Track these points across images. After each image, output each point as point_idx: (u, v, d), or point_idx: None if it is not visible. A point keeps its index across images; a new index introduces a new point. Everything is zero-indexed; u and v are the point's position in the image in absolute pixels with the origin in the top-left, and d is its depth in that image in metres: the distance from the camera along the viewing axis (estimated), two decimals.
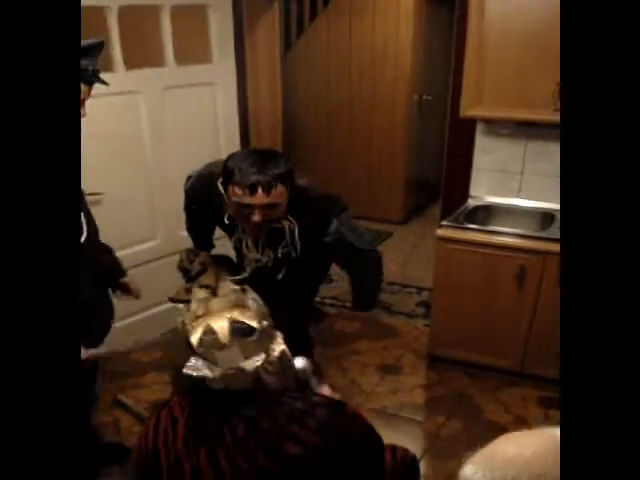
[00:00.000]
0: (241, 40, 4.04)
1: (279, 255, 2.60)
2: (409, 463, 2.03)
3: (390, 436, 2.85)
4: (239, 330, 1.47)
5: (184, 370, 1.48)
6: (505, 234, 3.18)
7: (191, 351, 1.50)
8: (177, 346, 2.88)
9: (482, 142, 3.60)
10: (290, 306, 2.77)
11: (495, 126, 3.52)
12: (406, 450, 2.01)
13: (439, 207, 3.98)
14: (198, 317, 1.57)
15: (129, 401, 3.15)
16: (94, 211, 3.36)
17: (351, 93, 5.68)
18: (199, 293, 1.63)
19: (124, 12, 3.34)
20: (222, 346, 1.44)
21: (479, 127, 3.58)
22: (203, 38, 3.85)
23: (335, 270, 4.64)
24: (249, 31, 4.09)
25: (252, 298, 1.59)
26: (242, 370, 1.44)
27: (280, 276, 2.70)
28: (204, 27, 3.82)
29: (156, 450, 1.56)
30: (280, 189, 2.33)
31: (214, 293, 2.75)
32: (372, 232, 2.78)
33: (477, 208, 3.57)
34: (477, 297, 3.26)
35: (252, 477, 1.47)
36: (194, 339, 1.48)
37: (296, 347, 2.06)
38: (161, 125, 3.66)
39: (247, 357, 1.45)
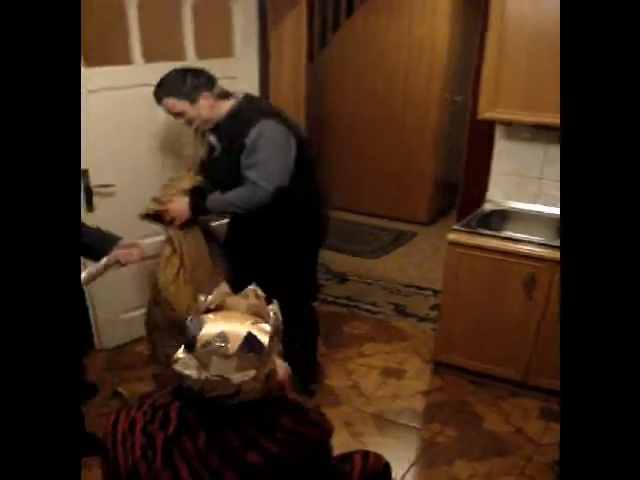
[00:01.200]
0: (264, 34, 4.03)
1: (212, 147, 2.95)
2: (381, 469, 2.00)
3: (382, 442, 2.85)
4: (249, 347, 1.43)
5: (173, 365, 1.46)
6: (516, 241, 3.09)
7: (180, 334, 1.47)
8: (159, 322, 2.90)
9: (501, 145, 3.51)
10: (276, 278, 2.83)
11: (515, 129, 3.42)
12: (379, 456, 1.98)
13: None
14: (209, 310, 1.54)
15: (126, 393, 3.18)
16: (106, 202, 3.43)
17: (384, 89, 5.61)
18: (223, 287, 1.60)
19: (144, 4, 3.34)
20: (225, 355, 1.41)
21: (498, 130, 3.48)
22: (225, 31, 3.84)
23: (349, 268, 4.63)
24: (274, 25, 4.07)
25: (274, 312, 1.54)
26: (228, 380, 1.41)
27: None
28: (227, 20, 3.81)
29: (115, 454, 1.54)
30: (168, 101, 2.84)
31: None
32: (281, 169, 2.79)
33: (493, 213, 3.47)
34: (484, 304, 3.18)
35: None
36: (203, 335, 1.44)
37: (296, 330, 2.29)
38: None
39: (239, 370, 1.42)
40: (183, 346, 1.47)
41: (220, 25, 3.86)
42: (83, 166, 3.28)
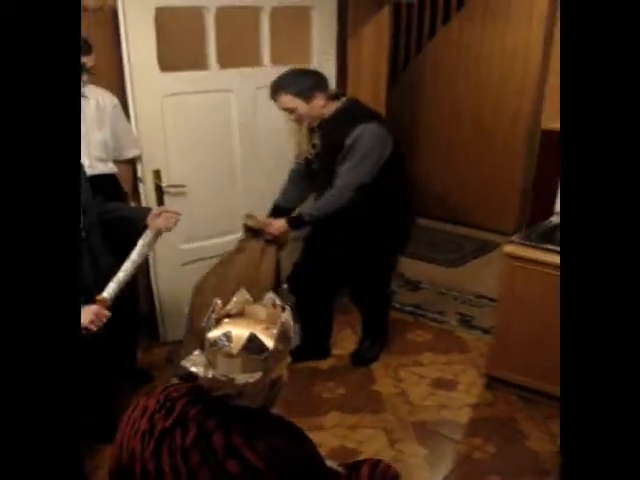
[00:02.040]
0: (343, 42, 4.08)
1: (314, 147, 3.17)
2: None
3: (418, 452, 2.84)
4: (251, 348, 1.51)
5: (182, 361, 1.56)
6: None
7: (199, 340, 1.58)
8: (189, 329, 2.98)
9: None
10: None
11: None
12: (389, 467, 1.96)
13: None
14: (229, 316, 1.63)
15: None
16: (177, 202, 3.60)
17: (476, 98, 5.53)
18: (241, 294, 1.69)
19: (222, 12, 3.47)
20: (229, 355, 1.50)
21: None
22: (303, 38, 3.92)
23: (425, 276, 4.60)
24: (354, 34, 4.11)
25: (286, 318, 1.61)
26: (232, 380, 1.48)
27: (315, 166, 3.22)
28: (305, 27, 3.89)
29: (122, 436, 1.64)
30: (285, 97, 2.97)
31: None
32: (367, 166, 2.98)
33: (558, 226, 3.35)
34: (539, 319, 3.07)
35: None
36: (211, 335, 1.54)
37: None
38: (251, 123, 3.77)
39: (245, 371, 1.50)
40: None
41: (298, 32, 3.95)
42: (155, 167, 3.47)
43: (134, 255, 2.57)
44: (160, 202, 3.53)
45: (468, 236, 5.52)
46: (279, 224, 3.12)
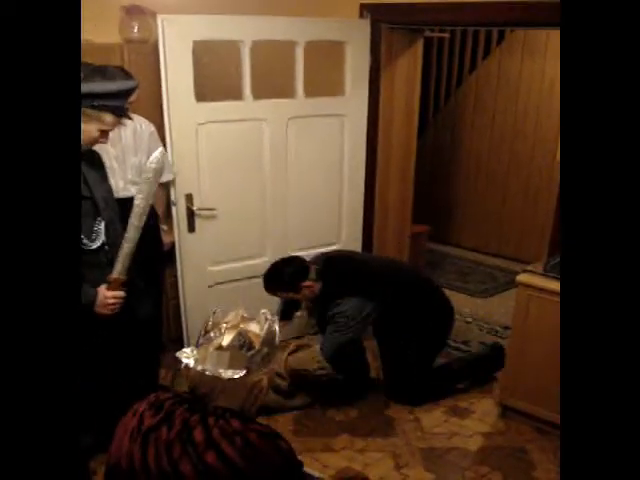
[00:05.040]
0: (377, 75, 4.18)
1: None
2: None
3: (424, 477, 2.86)
4: (240, 342, 1.65)
5: (176, 353, 1.71)
6: None
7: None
8: None
9: None
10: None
11: None
12: None
13: None
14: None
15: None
16: (207, 225, 3.75)
17: (515, 130, 5.58)
18: (240, 311, 1.84)
19: (258, 46, 3.64)
20: (219, 347, 1.64)
21: None
22: (337, 70, 4.05)
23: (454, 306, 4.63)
24: (386, 67, 4.22)
25: (274, 327, 1.75)
26: (219, 375, 1.62)
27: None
28: (339, 60, 4.02)
29: (116, 431, 1.77)
30: (279, 294, 3.42)
31: None
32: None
33: None
34: (552, 349, 3.06)
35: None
36: (205, 330, 1.71)
37: None
38: (283, 151, 3.92)
39: (231, 367, 1.63)
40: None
41: (331, 64, 4.09)
42: (188, 191, 3.65)
43: (133, 218, 2.49)
44: (191, 224, 3.69)
45: (501, 267, 5.54)
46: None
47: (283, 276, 3.35)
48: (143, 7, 3.47)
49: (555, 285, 3.03)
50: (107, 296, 2.45)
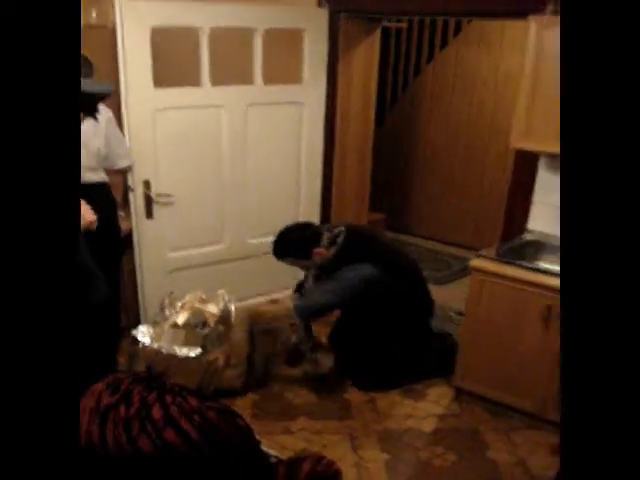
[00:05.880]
0: (335, 63, 4.22)
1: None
2: (330, 476, 2.09)
3: (379, 457, 2.93)
4: (194, 320, 1.67)
5: (133, 331, 1.72)
6: (535, 271, 3.08)
7: None
8: None
9: (544, 176, 3.51)
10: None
11: (558, 161, 3.39)
12: (332, 463, 2.06)
13: None
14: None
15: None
16: (165, 211, 3.75)
17: (471, 119, 5.68)
18: (199, 293, 1.87)
19: (216, 33, 3.65)
20: (175, 325, 1.65)
21: (542, 161, 3.49)
22: (294, 59, 4.08)
23: None
24: (344, 56, 4.26)
25: (230, 308, 1.77)
26: (174, 352, 1.63)
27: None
28: (297, 48, 4.05)
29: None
30: (287, 260, 3.30)
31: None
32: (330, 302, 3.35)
33: (529, 243, 3.48)
34: (504, 333, 3.18)
35: (131, 458, 1.64)
36: (162, 309, 1.72)
37: None
38: (241, 138, 3.95)
39: (187, 344, 1.65)
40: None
41: (290, 52, 4.12)
42: (145, 177, 3.64)
43: None
44: (149, 210, 3.69)
45: (457, 256, 5.63)
46: None
47: (296, 241, 3.31)
48: None
49: (508, 270, 3.12)
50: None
